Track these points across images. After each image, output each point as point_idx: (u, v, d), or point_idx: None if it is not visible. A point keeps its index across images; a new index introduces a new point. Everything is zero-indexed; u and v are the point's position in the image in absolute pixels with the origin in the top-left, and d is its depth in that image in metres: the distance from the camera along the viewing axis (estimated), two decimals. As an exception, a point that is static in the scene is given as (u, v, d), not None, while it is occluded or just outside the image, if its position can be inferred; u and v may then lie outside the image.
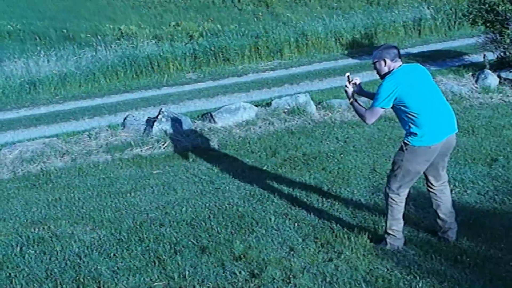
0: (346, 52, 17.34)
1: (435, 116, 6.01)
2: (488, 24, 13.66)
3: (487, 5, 13.44)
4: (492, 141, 9.55)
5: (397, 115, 6.17)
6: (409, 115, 5.98)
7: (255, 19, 21.08)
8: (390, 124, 10.92)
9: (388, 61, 6.04)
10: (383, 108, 6.04)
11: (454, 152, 9.11)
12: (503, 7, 12.99)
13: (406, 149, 6.07)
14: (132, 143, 10.64)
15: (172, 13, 23.12)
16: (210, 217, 7.45)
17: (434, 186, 6.42)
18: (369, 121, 6.20)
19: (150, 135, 10.85)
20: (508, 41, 13.00)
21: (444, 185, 6.45)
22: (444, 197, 6.44)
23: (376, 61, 6.13)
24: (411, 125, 6.00)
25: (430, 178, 6.38)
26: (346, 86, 6.55)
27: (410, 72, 6.05)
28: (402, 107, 5.98)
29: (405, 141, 6.08)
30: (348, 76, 6.50)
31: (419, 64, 6.32)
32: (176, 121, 11.07)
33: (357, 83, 6.60)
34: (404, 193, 6.28)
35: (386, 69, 6.07)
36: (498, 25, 13.29)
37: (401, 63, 6.06)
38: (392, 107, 6.04)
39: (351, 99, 6.46)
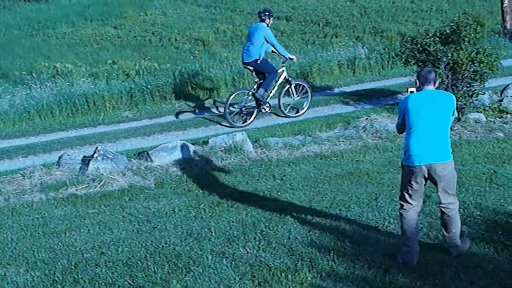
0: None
1: (418, 140, 6.60)
2: (420, 64, 13.94)
3: (419, 45, 13.73)
4: (425, 178, 9.71)
5: None
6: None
7: (191, 57, 21.13)
8: (326, 161, 11.04)
9: (419, 83, 6.80)
10: (400, 123, 6.92)
11: (389, 189, 9.27)
12: (435, 47, 13.30)
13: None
14: (67, 182, 10.50)
15: (108, 51, 23.03)
16: (147, 256, 7.39)
17: (440, 203, 6.89)
18: (397, 132, 7.25)
19: (86, 174, 10.73)
20: (439, 80, 13.30)
21: (450, 207, 6.84)
22: (446, 218, 6.89)
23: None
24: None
25: (439, 194, 6.85)
26: None
27: (420, 96, 6.75)
28: None
29: None
30: (411, 92, 6.92)
31: (443, 92, 6.96)
32: (112, 160, 10.98)
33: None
34: (407, 207, 6.89)
35: (418, 89, 6.80)
36: (430, 64, 13.57)
37: (430, 87, 6.75)
38: None
39: None
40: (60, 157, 11.42)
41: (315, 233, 7.78)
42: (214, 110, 15.96)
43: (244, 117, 14.32)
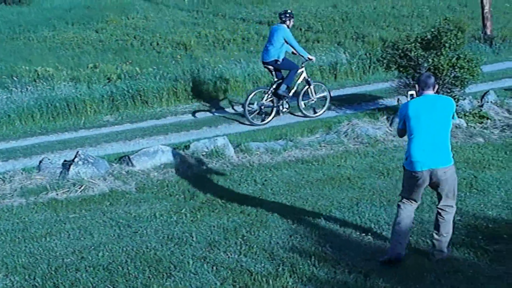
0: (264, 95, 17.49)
1: (419, 146, 6.70)
2: (401, 69, 14.02)
3: (400, 51, 13.80)
4: (406, 183, 9.75)
5: None
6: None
7: (173, 61, 21.08)
8: (307, 166, 11.06)
9: (418, 88, 6.92)
10: (400, 128, 7.05)
11: (370, 194, 9.30)
12: (415, 53, 13.38)
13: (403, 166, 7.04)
14: (48, 186, 10.45)
15: (90, 55, 22.93)
16: (127, 261, 7.37)
17: (438, 204, 7.02)
18: (398, 136, 7.45)
19: (67, 179, 10.68)
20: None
21: (446, 210, 6.95)
22: (440, 220, 6.98)
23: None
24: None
25: (440, 196, 6.98)
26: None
27: (420, 101, 6.85)
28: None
29: None
30: (412, 95, 7.07)
31: (442, 96, 7.13)
32: (93, 164, 10.94)
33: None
34: (406, 201, 7.01)
35: (418, 94, 6.92)
36: (411, 69, 13.65)
37: (429, 92, 6.85)
38: None
39: None
40: (40, 161, 11.36)
41: (296, 238, 7.79)
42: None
43: (262, 116, 14.66)
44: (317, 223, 8.23)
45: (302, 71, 14.83)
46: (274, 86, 14.48)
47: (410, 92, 7.14)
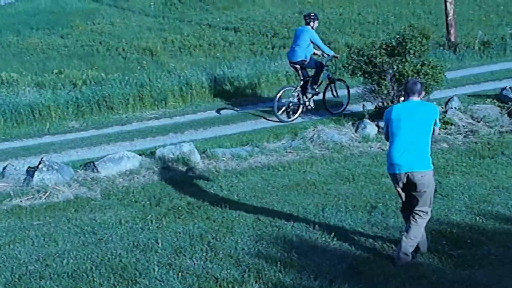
0: (230, 101, 17.48)
1: (397, 149, 6.87)
2: (366, 75, 14.11)
3: (365, 57, 13.89)
4: (371, 189, 9.83)
5: None
6: None
7: (139, 67, 20.99)
8: (273, 172, 11.08)
9: (404, 94, 7.18)
10: (385, 132, 7.24)
11: (335, 200, 9.33)
12: (380, 59, 13.47)
13: None
14: (12, 193, 10.35)
15: (55, 60, 22.77)
16: (93, 268, 7.32)
17: (414, 208, 7.08)
18: (385, 140, 7.54)
19: (31, 185, 10.58)
20: (385, 91, 13.46)
21: (420, 215, 7.04)
22: (413, 223, 7.05)
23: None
24: None
25: (416, 200, 7.06)
26: None
27: (403, 106, 7.11)
28: None
29: None
30: (403, 101, 7.30)
31: (426, 103, 7.38)
32: (57, 171, 10.85)
33: None
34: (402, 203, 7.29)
35: (404, 100, 7.16)
36: (376, 76, 13.74)
37: (414, 98, 7.07)
38: None
39: None
40: (4, 168, 11.24)
41: (262, 244, 7.80)
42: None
43: (289, 113, 15.09)
44: (283, 229, 8.25)
45: (326, 69, 15.47)
46: (301, 84, 15.00)
47: (401, 99, 7.33)
